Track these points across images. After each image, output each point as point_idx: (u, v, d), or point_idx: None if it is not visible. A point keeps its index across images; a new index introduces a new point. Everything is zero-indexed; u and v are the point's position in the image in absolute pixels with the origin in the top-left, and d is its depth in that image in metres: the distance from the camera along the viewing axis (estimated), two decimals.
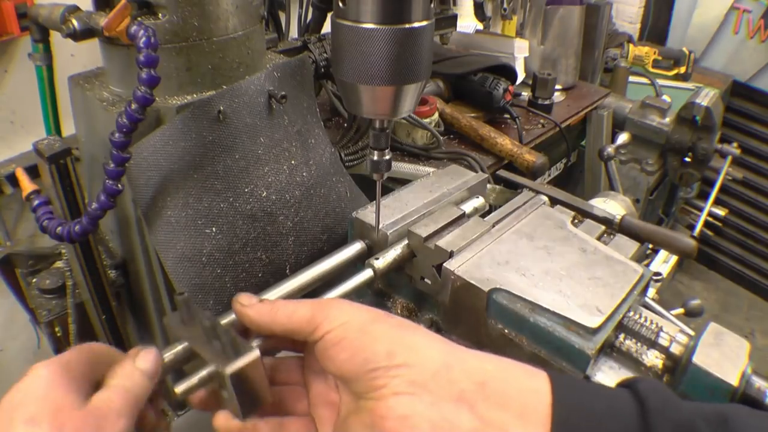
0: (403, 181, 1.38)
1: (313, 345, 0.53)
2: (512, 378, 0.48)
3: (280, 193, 0.90)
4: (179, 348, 0.57)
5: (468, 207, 0.88)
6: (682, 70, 3.00)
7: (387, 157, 0.69)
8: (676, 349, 0.66)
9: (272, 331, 0.56)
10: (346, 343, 0.50)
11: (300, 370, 0.63)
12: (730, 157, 2.12)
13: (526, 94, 2.10)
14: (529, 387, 0.47)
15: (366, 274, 0.74)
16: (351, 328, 0.51)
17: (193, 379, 0.52)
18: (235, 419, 0.53)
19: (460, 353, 0.50)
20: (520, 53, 2.18)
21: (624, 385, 0.50)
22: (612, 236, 0.89)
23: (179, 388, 0.52)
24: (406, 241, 0.79)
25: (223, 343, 0.51)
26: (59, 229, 0.82)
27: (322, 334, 0.52)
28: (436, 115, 1.68)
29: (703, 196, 2.38)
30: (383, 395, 0.47)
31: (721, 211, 2.42)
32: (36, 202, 0.87)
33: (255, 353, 0.51)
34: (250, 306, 0.57)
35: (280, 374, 0.63)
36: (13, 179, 1.15)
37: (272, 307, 0.56)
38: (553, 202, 0.95)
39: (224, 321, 0.60)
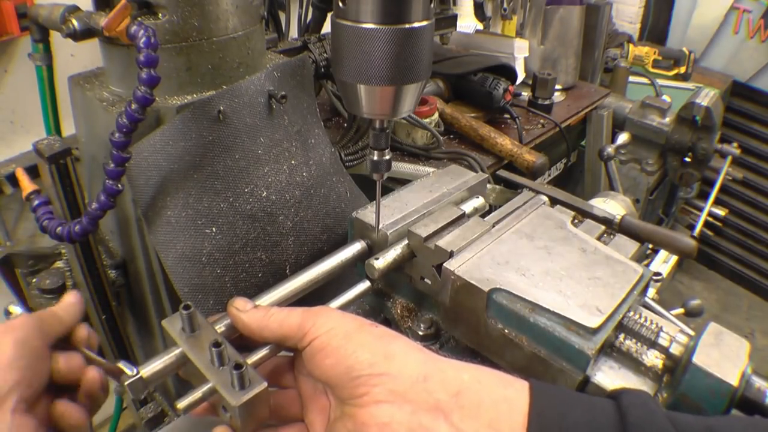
0: (403, 181, 1.38)
1: (302, 351, 0.55)
2: (487, 388, 0.49)
3: (280, 193, 0.90)
4: (176, 353, 0.57)
5: (468, 207, 0.88)
6: (682, 70, 3.00)
7: (387, 157, 0.69)
8: (676, 349, 0.66)
9: (264, 337, 0.58)
10: (330, 350, 0.52)
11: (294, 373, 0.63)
12: (730, 157, 2.12)
13: (526, 94, 2.10)
14: (504, 396, 0.49)
15: (364, 285, 0.75)
16: (336, 335, 0.53)
17: (196, 395, 0.53)
18: None
19: (438, 363, 0.52)
20: (520, 53, 2.18)
21: (611, 395, 0.50)
22: (612, 236, 0.89)
23: (181, 404, 0.53)
24: (406, 241, 0.79)
25: (230, 369, 0.51)
26: (59, 229, 0.82)
27: (309, 341, 0.54)
28: (436, 115, 1.68)
29: (703, 196, 2.38)
30: (365, 402, 0.49)
31: (721, 211, 2.42)
32: (36, 202, 0.87)
33: (263, 385, 0.52)
34: (244, 311, 0.59)
35: (276, 377, 0.63)
36: (13, 179, 1.15)
37: (265, 313, 0.58)
38: (553, 202, 0.95)
39: (220, 324, 0.60)
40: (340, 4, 0.58)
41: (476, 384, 0.50)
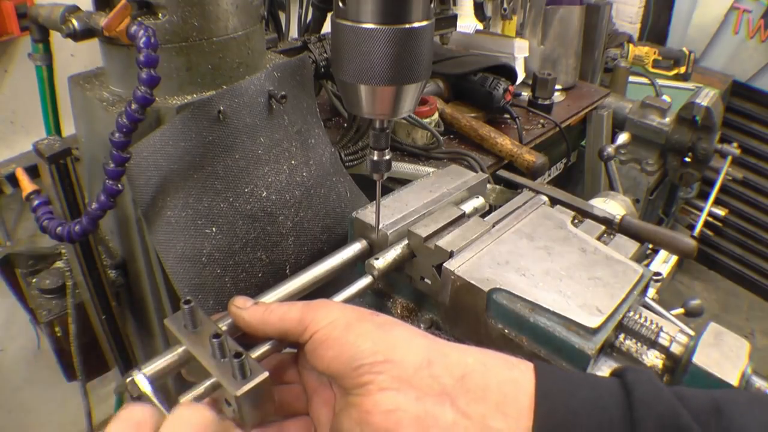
0: (403, 181, 1.38)
1: (304, 345, 0.55)
2: (492, 370, 0.49)
3: (280, 193, 0.90)
4: (179, 351, 0.57)
5: (468, 207, 0.88)
6: (682, 70, 3.00)
7: (387, 157, 0.69)
8: (676, 349, 0.66)
9: (265, 333, 0.58)
10: (332, 342, 0.52)
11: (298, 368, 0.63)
12: (730, 157, 2.12)
13: (526, 94, 2.10)
14: (509, 378, 0.48)
15: (366, 280, 0.74)
16: (337, 326, 0.52)
17: (198, 390, 0.53)
18: (238, 430, 0.54)
19: (442, 348, 0.51)
20: (520, 53, 2.18)
21: (615, 374, 0.50)
22: (612, 236, 0.89)
23: (184, 400, 0.53)
24: (406, 241, 0.79)
25: (231, 359, 0.51)
26: (59, 229, 0.82)
27: (310, 334, 0.53)
28: (436, 115, 1.68)
29: (703, 196, 2.38)
30: (369, 391, 0.48)
31: (721, 211, 2.42)
32: (36, 202, 0.87)
33: (264, 375, 0.52)
34: (245, 309, 0.59)
35: (280, 373, 0.63)
36: (13, 179, 1.15)
37: (265, 309, 0.58)
38: (553, 202, 0.95)
39: (222, 323, 0.60)
40: (340, 4, 0.58)
41: (481, 367, 0.49)
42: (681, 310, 1.05)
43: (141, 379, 0.53)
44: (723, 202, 3.09)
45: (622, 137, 2.11)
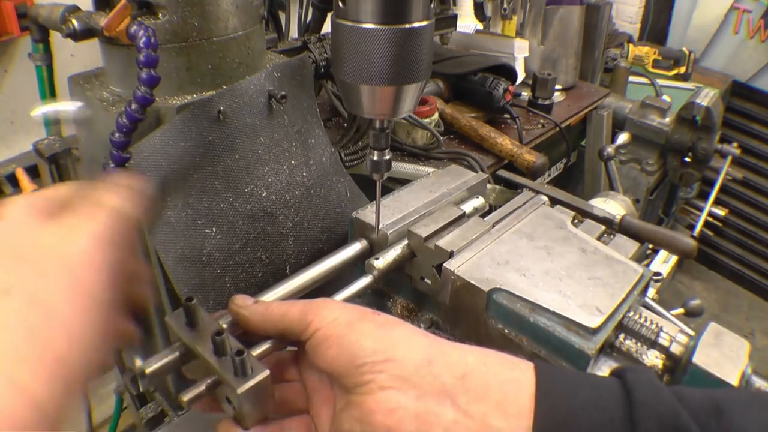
0: (403, 181, 1.38)
1: (305, 343, 0.55)
2: (493, 369, 0.49)
3: (280, 193, 0.90)
4: (180, 349, 0.57)
5: (468, 207, 0.88)
6: (682, 70, 3.00)
7: (387, 157, 0.69)
8: (676, 349, 0.66)
9: (266, 331, 0.58)
10: (333, 340, 0.52)
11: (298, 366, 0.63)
12: (730, 157, 2.12)
13: (526, 94, 2.10)
14: (510, 378, 0.48)
15: (366, 279, 0.74)
16: (339, 325, 0.53)
17: (199, 388, 0.53)
18: (238, 428, 0.54)
19: (443, 347, 0.52)
20: (520, 53, 2.18)
21: (615, 374, 0.50)
22: (612, 236, 0.89)
23: (186, 397, 0.53)
24: (406, 241, 0.79)
25: (232, 356, 0.51)
26: None
27: (312, 333, 0.54)
28: (436, 115, 1.68)
29: (703, 196, 2.38)
30: (371, 390, 0.49)
31: (721, 211, 2.42)
32: None
33: (265, 373, 0.52)
34: (245, 307, 0.59)
35: (280, 371, 0.63)
36: (13, 179, 1.15)
37: (266, 308, 0.58)
38: (553, 202, 0.95)
39: (222, 321, 0.60)
40: (340, 4, 0.58)
41: (482, 366, 0.49)
42: (681, 310, 1.05)
43: None
44: (723, 202, 3.09)
45: (622, 137, 2.11)
